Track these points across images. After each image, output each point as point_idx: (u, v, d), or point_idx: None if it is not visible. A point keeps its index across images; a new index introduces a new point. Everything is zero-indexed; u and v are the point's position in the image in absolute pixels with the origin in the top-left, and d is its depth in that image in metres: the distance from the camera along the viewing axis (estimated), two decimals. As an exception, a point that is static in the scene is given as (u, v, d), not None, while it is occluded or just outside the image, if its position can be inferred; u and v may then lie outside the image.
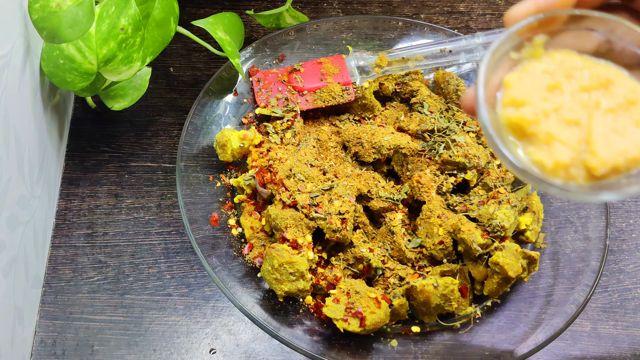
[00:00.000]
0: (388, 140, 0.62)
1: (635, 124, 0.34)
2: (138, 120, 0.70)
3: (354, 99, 0.65)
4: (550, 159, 0.33)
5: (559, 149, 0.34)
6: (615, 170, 0.33)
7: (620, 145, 0.33)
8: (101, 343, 0.58)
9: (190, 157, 0.62)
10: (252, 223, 0.60)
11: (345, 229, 0.56)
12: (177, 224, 0.65)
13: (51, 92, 0.63)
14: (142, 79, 0.65)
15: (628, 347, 0.60)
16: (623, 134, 0.33)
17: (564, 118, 0.34)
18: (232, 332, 0.60)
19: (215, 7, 0.77)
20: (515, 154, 0.34)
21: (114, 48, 0.55)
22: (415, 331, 0.57)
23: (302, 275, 0.54)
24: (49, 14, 0.51)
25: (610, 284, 0.64)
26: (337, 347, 0.54)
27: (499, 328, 0.57)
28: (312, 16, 0.77)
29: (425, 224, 0.59)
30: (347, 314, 0.53)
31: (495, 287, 0.56)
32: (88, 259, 0.62)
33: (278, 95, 0.66)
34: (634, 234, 0.66)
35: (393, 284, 0.57)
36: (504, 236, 0.57)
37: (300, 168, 0.59)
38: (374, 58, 0.66)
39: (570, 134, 0.34)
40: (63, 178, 0.66)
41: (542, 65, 0.35)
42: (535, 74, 0.35)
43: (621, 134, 0.33)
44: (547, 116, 0.34)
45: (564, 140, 0.34)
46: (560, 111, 0.34)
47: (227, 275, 0.56)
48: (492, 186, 0.61)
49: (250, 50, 0.68)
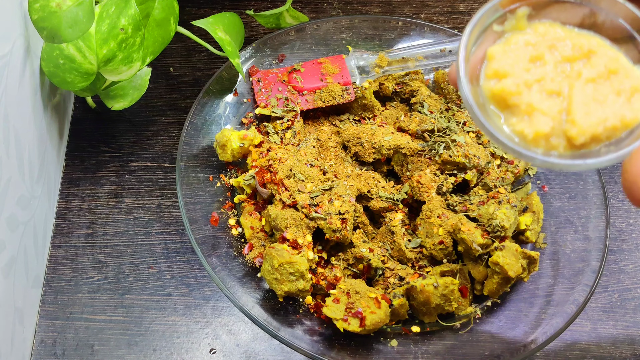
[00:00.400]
0: (388, 140, 0.62)
1: (615, 93, 0.34)
2: (138, 120, 0.70)
3: (354, 99, 0.65)
4: (531, 129, 0.34)
5: (540, 119, 0.34)
6: (595, 139, 0.34)
7: (600, 114, 0.34)
8: (101, 343, 0.58)
9: (190, 157, 0.62)
10: (252, 223, 0.60)
11: (345, 229, 0.56)
12: (177, 224, 0.65)
13: (51, 92, 0.63)
14: (142, 79, 0.65)
15: (628, 347, 0.60)
16: (603, 103, 0.34)
17: (545, 89, 0.34)
18: (232, 332, 0.60)
19: (215, 7, 0.77)
20: (498, 125, 0.35)
21: (114, 48, 0.55)
22: (415, 331, 0.57)
23: (302, 275, 0.54)
24: (49, 14, 0.51)
25: (610, 284, 0.64)
26: (337, 347, 0.54)
27: (499, 328, 0.57)
28: (312, 16, 0.77)
29: (425, 224, 0.59)
30: (347, 314, 0.53)
31: (495, 287, 0.56)
32: (88, 259, 0.62)
33: (278, 95, 0.66)
34: (634, 234, 0.66)
35: (393, 284, 0.57)
36: (504, 236, 0.57)
37: (300, 168, 0.59)
38: (374, 58, 0.66)
39: (551, 104, 0.34)
40: (63, 178, 0.66)
41: (525, 37, 0.36)
42: (518, 45, 0.36)
43: (601, 103, 0.34)
44: (529, 87, 0.35)
45: (545, 111, 0.34)
46: (541, 82, 0.35)
47: (227, 275, 0.56)
48: (492, 186, 0.61)
49: (250, 50, 0.68)
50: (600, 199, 0.61)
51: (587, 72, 0.35)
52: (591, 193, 0.62)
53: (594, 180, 0.62)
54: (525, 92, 0.34)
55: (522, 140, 0.34)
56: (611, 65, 0.35)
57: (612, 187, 0.69)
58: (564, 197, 0.63)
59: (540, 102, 0.34)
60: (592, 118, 0.33)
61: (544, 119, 0.34)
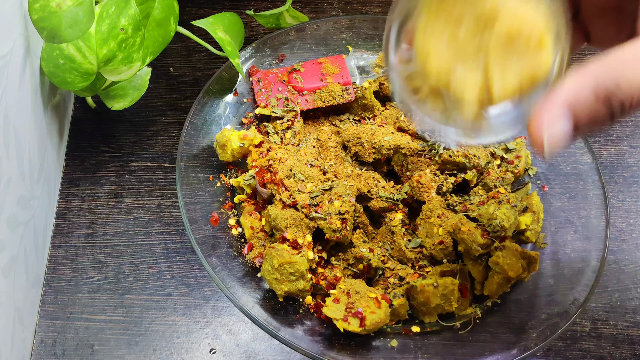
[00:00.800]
0: (388, 140, 0.62)
1: (522, 53, 0.35)
2: (138, 120, 0.70)
3: (354, 99, 0.65)
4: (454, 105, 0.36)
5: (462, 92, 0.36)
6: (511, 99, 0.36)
7: (512, 78, 0.35)
8: (101, 343, 0.58)
9: (190, 157, 0.62)
10: (252, 223, 0.60)
11: (345, 229, 0.56)
12: (177, 224, 0.65)
13: (51, 92, 0.63)
14: (142, 79, 0.65)
15: (628, 347, 0.60)
16: (512, 66, 0.35)
17: (462, 63, 0.36)
18: (232, 332, 0.60)
19: (215, 7, 0.77)
20: (428, 109, 0.37)
21: (114, 48, 0.55)
22: (415, 331, 0.57)
23: (302, 275, 0.54)
24: (49, 14, 0.51)
25: (610, 284, 0.64)
26: (337, 347, 0.54)
27: (499, 328, 0.57)
28: (312, 16, 0.77)
29: (425, 224, 0.59)
30: (347, 314, 0.53)
31: (495, 287, 0.56)
32: (88, 259, 0.62)
33: (278, 95, 0.66)
34: (634, 234, 0.66)
35: (393, 284, 0.57)
36: (504, 236, 0.57)
37: (300, 168, 0.59)
38: (374, 58, 0.66)
39: (468, 76, 0.36)
40: (63, 178, 0.66)
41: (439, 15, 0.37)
42: (435, 25, 0.37)
43: (511, 66, 0.35)
44: (448, 64, 0.36)
45: (462, 82, 0.36)
46: (457, 56, 0.36)
47: (227, 275, 0.56)
48: (492, 186, 0.61)
49: (250, 50, 0.68)
50: (600, 199, 0.61)
51: (494, 39, 0.35)
52: (591, 193, 0.62)
53: (594, 180, 0.62)
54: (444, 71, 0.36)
55: (452, 121, 0.37)
56: (515, 25, 0.35)
57: (612, 187, 0.69)
58: (564, 197, 0.63)
59: (460, 77, 0.36)
60: (506, 82, 0.35)
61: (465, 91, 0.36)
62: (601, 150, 0.72)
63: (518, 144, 0.65)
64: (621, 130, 0.73)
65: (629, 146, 0.72)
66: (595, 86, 0.32)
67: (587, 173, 0.63)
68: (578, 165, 0.64)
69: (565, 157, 0.65)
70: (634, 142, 0.72)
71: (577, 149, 0.64)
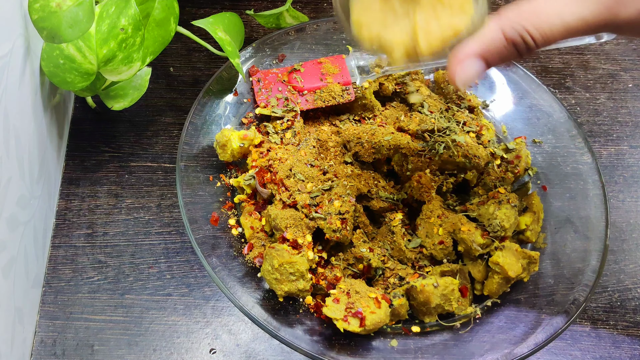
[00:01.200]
0: (388, 140, 0.62)
1: (449, 7, 0.43)
2: (138, 120, 0.70)
3: (354, 99, 0.65)
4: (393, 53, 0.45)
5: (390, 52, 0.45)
6: (440, 50, 0.43)
7: (437, 32, 0.43)
8: (101, 343, 0.58)
9: (190, 157, 0.62)
10: (252, 223, 0.60)
11: (345, 229, 0.56)
12: (177, 224, 0.65)
13: (51, 92, 0.63)
14: (142, 79, 0.65)
15: (628, 347, 0.60)
16: (440, 19, 0.43)
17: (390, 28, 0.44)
18: (232, 332, 0.60)
19: (215, 7, 0.77)
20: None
21: (114, 48, 0.55)
22: (415, 331, 0.57)
23: (302, 275, 0.54)
24: (49, 14, 0.51)
25: (610, 284, 0.64)
26: (337, 347, 0.54)
27: (499, 328, 0.57)
28: (312, 16, 0.77)
29: (425, 224, 0.59)
30: (347, 314, 0.53)
31: (495, 287, 0.56)
32: (88, 259, 0.62)
33: (278, 95, 0.66)
34: (634, 234, 0.66)
35: (393, 284, 0.57)
36: (504, 236, 0.57)
37: (300, 168, 0.59)
38: (374, 58, 0.66)
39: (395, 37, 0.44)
40: (63, 178, 0.66)
41: None
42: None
43: (438, 19, 0.43)
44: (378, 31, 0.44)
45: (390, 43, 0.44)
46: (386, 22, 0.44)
47: (227, 275, 0.56)
48: (492, 186, 0.61)
49: (250, 50, 0.68)
50: (600, 199, 0.61)
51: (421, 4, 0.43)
52: (591, 193, 0.62)
53: (594, 180, 0.62)
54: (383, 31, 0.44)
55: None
56: None
57: (612, 187, 0.69)
58: (564, 197, 0.63)
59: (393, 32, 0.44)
60: (433, 36, 0.43)
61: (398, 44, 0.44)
62: (601, 150, 0.72)
63: (518, 144, 0.65)
64: (621, 130, 0.73)
65: (629, 146, 0.72)
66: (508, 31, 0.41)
67: (587, 173, 0.63)
68: (578, 165, 0.64)
69: (565, 157, 0.65)
70: (634, 142, 0.72)
71: (577, 149, 0.64)
